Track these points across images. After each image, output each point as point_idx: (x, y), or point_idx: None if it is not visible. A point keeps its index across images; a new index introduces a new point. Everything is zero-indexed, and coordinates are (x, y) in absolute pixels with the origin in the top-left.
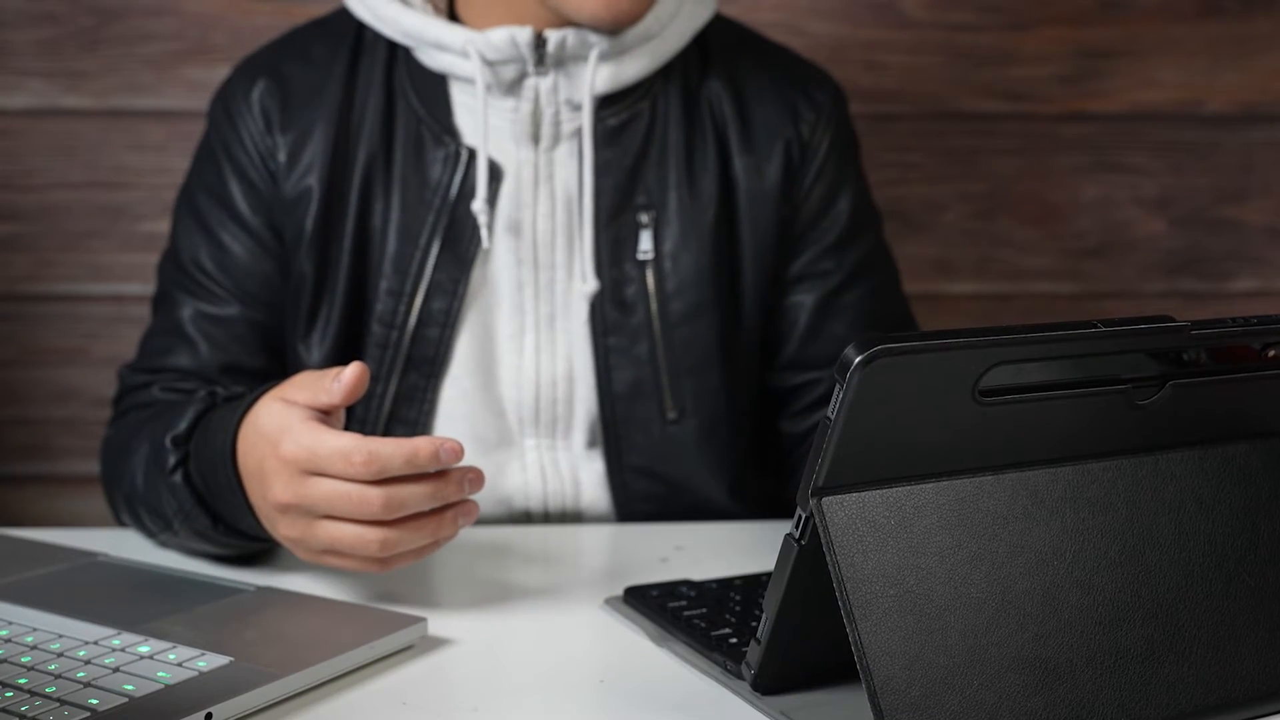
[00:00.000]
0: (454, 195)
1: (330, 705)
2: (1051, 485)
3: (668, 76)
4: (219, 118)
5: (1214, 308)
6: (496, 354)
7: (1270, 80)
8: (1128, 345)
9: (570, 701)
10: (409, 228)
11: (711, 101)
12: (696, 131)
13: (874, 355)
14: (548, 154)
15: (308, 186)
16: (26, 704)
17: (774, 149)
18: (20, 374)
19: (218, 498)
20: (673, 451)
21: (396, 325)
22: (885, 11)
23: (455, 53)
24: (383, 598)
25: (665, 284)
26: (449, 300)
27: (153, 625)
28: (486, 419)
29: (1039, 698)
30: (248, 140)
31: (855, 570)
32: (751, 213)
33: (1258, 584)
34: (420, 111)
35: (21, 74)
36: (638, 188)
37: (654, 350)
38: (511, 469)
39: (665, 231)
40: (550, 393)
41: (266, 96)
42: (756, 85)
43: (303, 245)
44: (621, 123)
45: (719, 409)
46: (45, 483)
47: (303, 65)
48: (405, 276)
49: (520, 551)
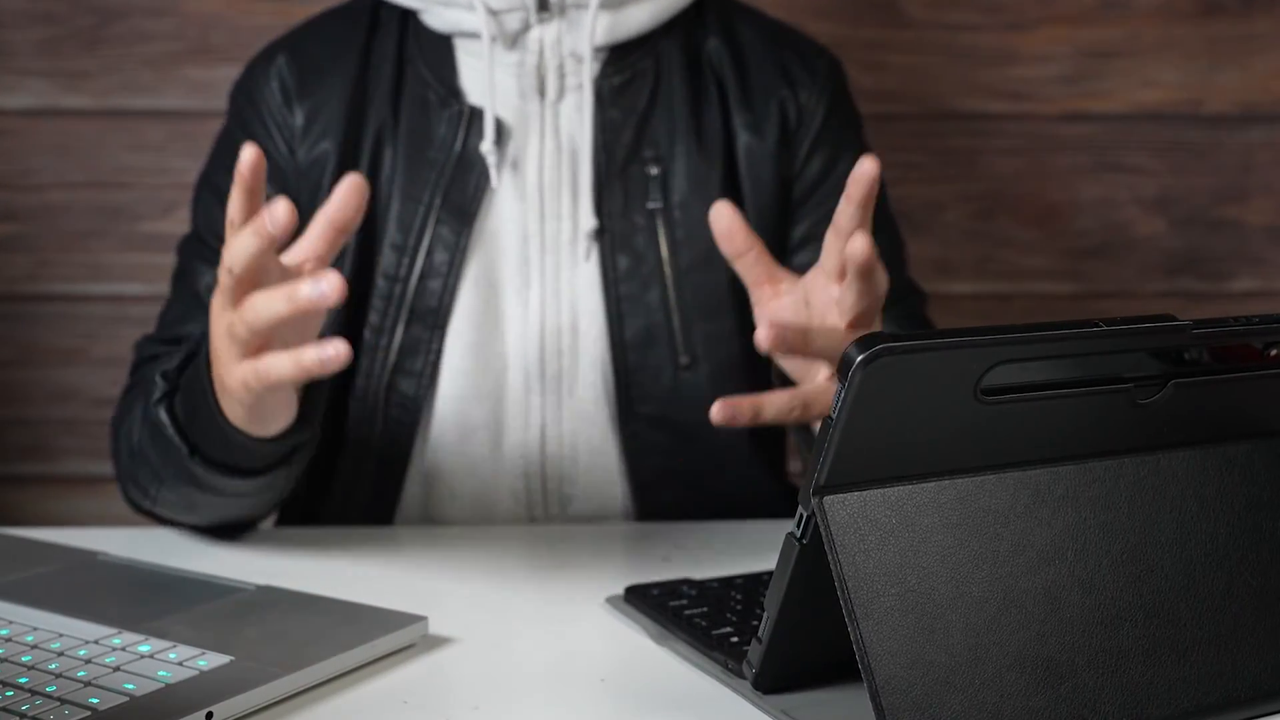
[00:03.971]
0: (457, 150)
1: (331, 704)
2: (1053, 484)
3: (669, 34)
4: (240, 102)
5: (1214, 308)
6: (501, 307)
7: (1270, 80)
8: (1129, 344)
9: (571, 700)
10: (413, 185)
11: (712, 58)
12: (700, 87)
13: (875, 354)
14: (553, 107)
15: (324, 151)
16: (27, 703)
17: (770, 110)
18: (20, 374)
19: (195, 421)
20: (685, 398)
21: (400, 278)
22: (885, 11)
23: (461, 6)
24: (383, 597)
25: (675, 231)
26: (450, 253)
27: (153, 624)
28: (489, 373)
29: (1041, 696)
30: (266, 115)
31: (857, 569)
32: (751, 170)
33: (1259, 583)
34: (428, 77)
35: (21, 74)
36: (644, 140)
37: (665, 296)
38: (513, 426)
39: (673, 182)
40: (555, 344)
41: (284, 70)
42: (753, 47)
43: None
44: (626, 80)
45: (732, 355)
46: (45, 483)
47: (320, 41)
48: (409, 231)
49: (521, 550)
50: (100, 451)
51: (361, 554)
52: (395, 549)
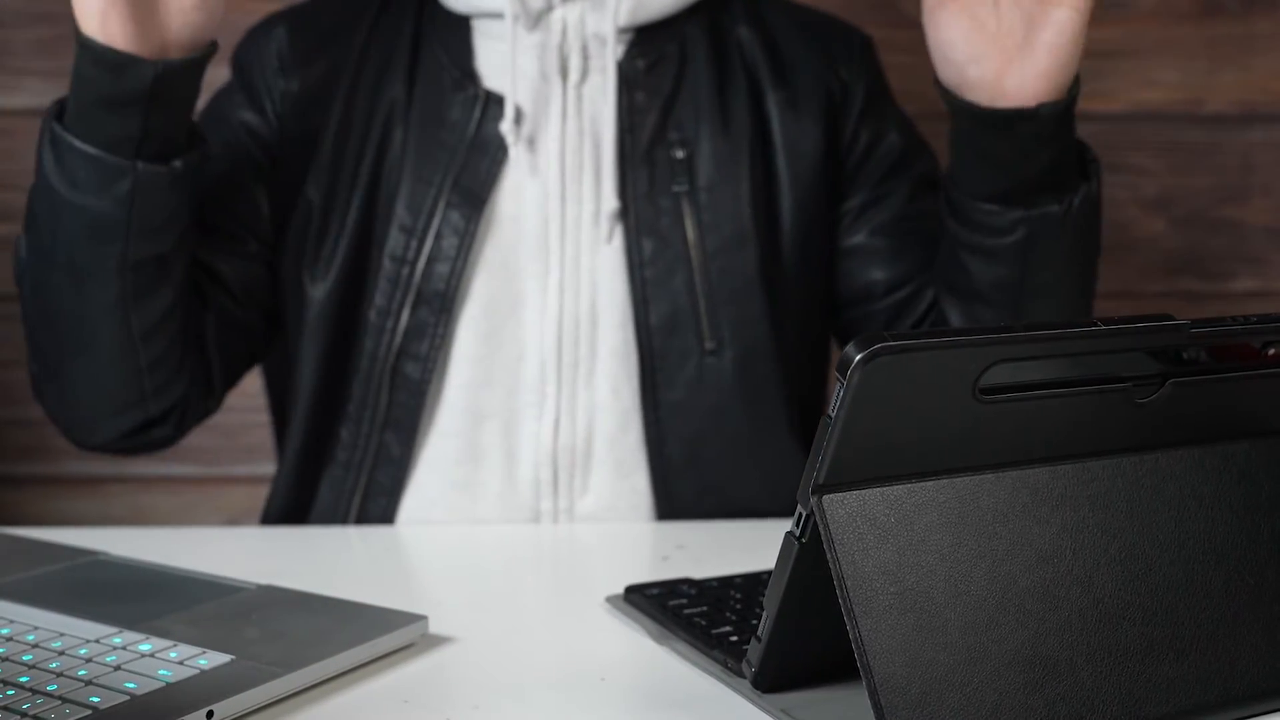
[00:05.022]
0: (471, 134)
1: (331, 703)
2: (1051, 483)
3: (694, 18)
4: (241, 61)
5: (1214, 308)
6: (520, 293)
7: (1270, 80)
8: (1128, 344)
9: (571, 700)
10: (424, 166)
11: (742, 45)
12: (726, 71)
13: (874, 353)
14: (576, 89)
15: (318, 124)
16: (28, 702)
17: (810, 86)
18: (20, 374)
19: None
20: (710, 383)
21: (408, 261)
22: (885, 11)
23: None
24: (383, 597)
25: (702, 215)
26: (460, 237)
27: (154, 623)
28: (504, 360)
29: (1039, 695)
30: (259, 79)
31: (856, 568)
32: (790, 146)
33: (1257, 582)
34: (444, 59)
35: (20, 74)
36: (670, 123)
37: (691, 280)
38: (526, 415)
39: (700, 166)
40: (573, 333)
41: (284, 37)
42: (784, 29)
43: (309, 174)
44: (650, 63)
45: (758, 340)
46: (44, 483)
47: (327, 12)
48: (419, 213)
49: (521, 550)
50: None
51: (361, 554)
52: (395, 549)
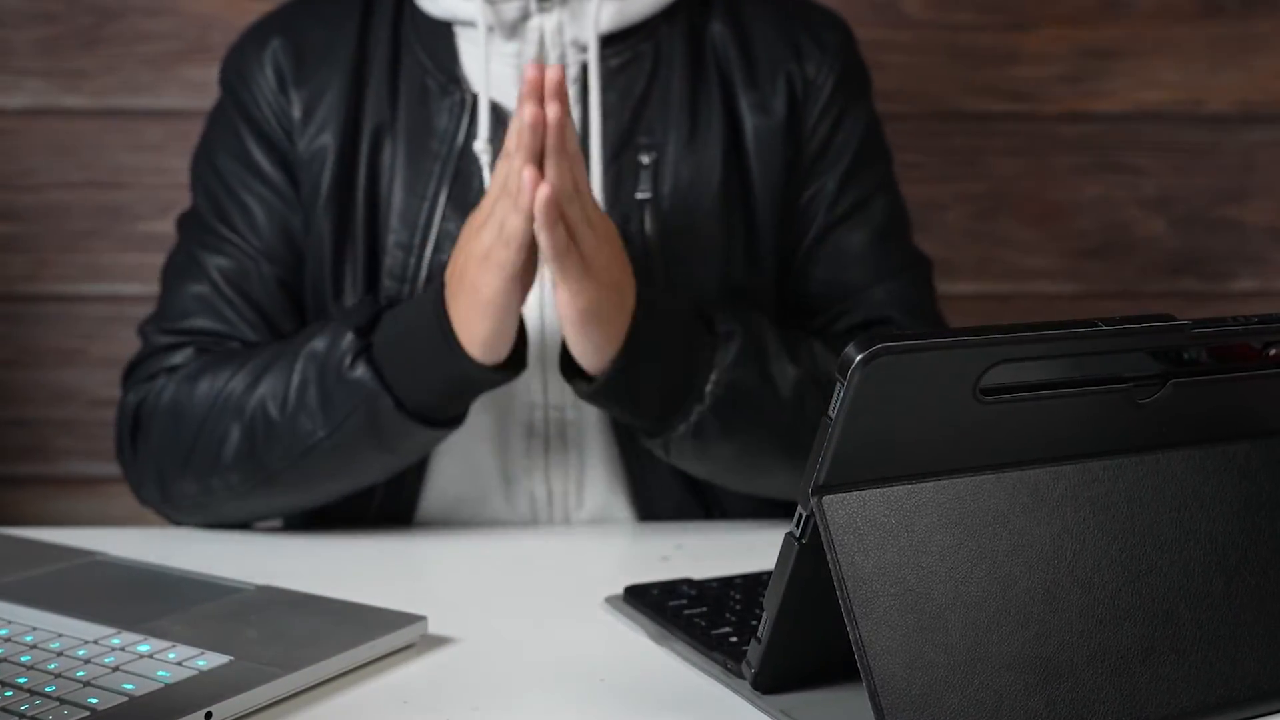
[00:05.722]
0: (460, 142)
1: (330, 704)
2: (1052, 484)
3: (671, 18)
4: (232, 81)
5: (1214, 308)
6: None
7: (1270, 80)
8: (1128, 344)
9: (570, 700)
10: (416, 179)
11: (715, 43)
12: (700, 74)
13: (875, 354)
14: None
15: (323, 145)
16: (26, 703)
17: (777, 85)
18: (18, 375)
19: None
20: None
21: (407, 279)
22: (885, 11)
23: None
24: (383, 597)
25: (665, 223)
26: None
27: (152, 624)
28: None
29: (1039, 696)
30: (262, 100)
31: (856, 569)
32: (761, 152)
33: (1258, 583)
34: (426, 63)
35: (20, 73)
36: (639, 128)
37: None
38: (518, 420)
39: (665, 172)
40: (556, 338)
41: (279, 54)
42: (760, 24)
43: (319, 203)
44: (624, 63)
45: None
46: (43, 484)
47: (315, 23)
48: (414, 229)
49: (520, 550)
50: (99, 452)
51: (361, 554)
52: (395, 549)
